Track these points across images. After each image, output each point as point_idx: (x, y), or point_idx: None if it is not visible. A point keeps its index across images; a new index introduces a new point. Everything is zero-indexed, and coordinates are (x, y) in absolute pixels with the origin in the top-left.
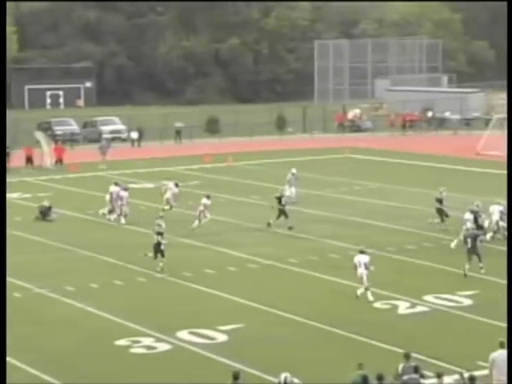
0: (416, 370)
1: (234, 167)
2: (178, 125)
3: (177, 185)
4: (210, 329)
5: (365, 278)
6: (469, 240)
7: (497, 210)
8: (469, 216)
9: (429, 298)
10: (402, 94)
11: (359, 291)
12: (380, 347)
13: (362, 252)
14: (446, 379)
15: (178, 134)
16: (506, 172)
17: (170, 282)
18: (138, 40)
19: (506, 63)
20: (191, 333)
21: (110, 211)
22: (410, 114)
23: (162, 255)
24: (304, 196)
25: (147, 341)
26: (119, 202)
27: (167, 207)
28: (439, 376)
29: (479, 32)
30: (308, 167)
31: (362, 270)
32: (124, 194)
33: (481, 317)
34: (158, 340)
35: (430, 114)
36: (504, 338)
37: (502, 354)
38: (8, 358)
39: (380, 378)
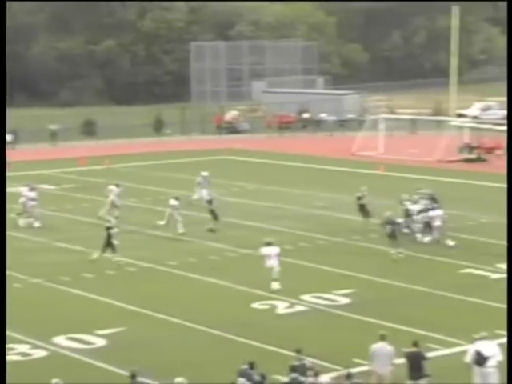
0: (302, 368)
1: (112, 170)
2: (53, 127)
3: (117, 185)
4: (88, 333)
5: (276, 269)
6: (388, 226)
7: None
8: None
9: (306, 297)
10: (278, 95)
11: (273, 286)
12: (259, 347)
13: (269, 244)
14: (324, 377)
15: (54, 136)
16: (380, 172)
17: (46, 287)
18: (9, 40)
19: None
20: (69, 338)
21: (20, 214)
22: (287, 115)
23: (114, 250)
24: (182, 198)
25: (22, 348)
26: (30, 203)
27: (116, 213)
28: (316, 374)
29: (353, 35)
30: (186, 169)
31: (272, 262)
32: (32, 194)
33: (357, 315)
34: (34, 347)
35: (306, 115)
36: (384, 332)
37: (383, 346)
38: None
39: (263, 377)
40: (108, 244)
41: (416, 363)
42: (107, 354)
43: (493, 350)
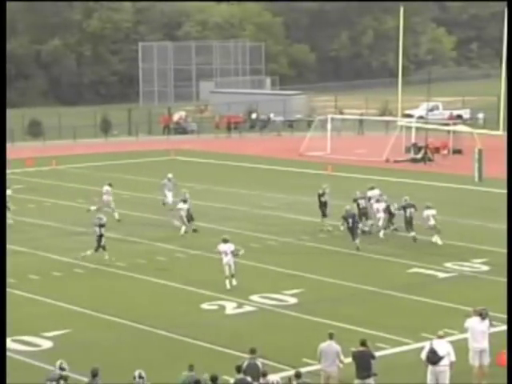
0: (253, 368)
1: (58, 171)
2: None
3: (110, 185)
4: (34, 335)
5: (232, 267)
6: (349, 220)
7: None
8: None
9: (255, 297)
10: (226, 96)
11: (228, 285)
12: (208, 348)
13: (225, 241)
14: (272, 377)
15: None
16: (328, 172)
17: None
18: None
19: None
20: (14, 340)
21: None
22: (235, 115)
23: (104, 248)
24: (130, 198)
25: None
26: None
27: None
28: (264, 375)
29: (300, 35)
30: (134, 170)
31: (228, 259)
32: None
33: (306, 315)
34: None
35: (254, 115)
36: (333, 330)
37: (330, 344)
38: None
39: (214, 378)
40: (100, 242)
41: (364, 362)
42: (54, 356)
43: (446, 349)
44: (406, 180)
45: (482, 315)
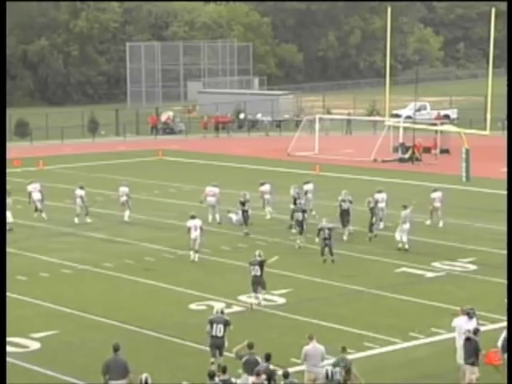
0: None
1: (46, 171)
2: None
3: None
4: (22, 337)
5: (198, 241)
6: (299, 214)
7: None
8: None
9: (243, 297)
10: (214, 96)
11: (192, 256)
12: (197, 348)
13: (193, 217)
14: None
15: None
16: (315, 172)
17: None
18: None
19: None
20: None
21: None
22: (223, 116)
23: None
24: (118, 199)
25: None
26: None
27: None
28: (258, 374)
29: (287, 36)
30: (121, 170)
31: (196, 233)
32: None
33: (294, 314)
34: None
35: (242, 115)
36: (311, 332)
37: (314, 346)
38: None
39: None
40: None
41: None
42: (41, 357)
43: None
44: (393, 180)
45: (470, 314)
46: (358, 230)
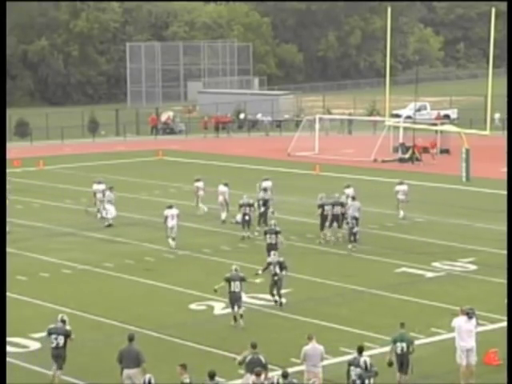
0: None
1: (46, 171)
2: None
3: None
4: (22, 337)
5: (175, 229)
6: (246, 208)
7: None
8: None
9: (243, 297)
10: (214, 96)
11: (171, 243)
12: (197, 348)
13: (170, 207)
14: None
15: None
16: (316, 172)
17: None
18: None
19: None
20: None
21: None
22: (223, 116)
23: None
24: (118, 199)
25: None
26: None
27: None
28: (258, 374)
29: (287, 36)
30: (122, 170)
31: (173, 222)
32: None
33: (294, 314)
34: None
35: (242, 115)
36: (310, 332)
37: (313, 346)
38: None
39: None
40: None
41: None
42: (41, 357)
43: None
44: (393, 180)
45: (469, 314)
46: (358, 230)
